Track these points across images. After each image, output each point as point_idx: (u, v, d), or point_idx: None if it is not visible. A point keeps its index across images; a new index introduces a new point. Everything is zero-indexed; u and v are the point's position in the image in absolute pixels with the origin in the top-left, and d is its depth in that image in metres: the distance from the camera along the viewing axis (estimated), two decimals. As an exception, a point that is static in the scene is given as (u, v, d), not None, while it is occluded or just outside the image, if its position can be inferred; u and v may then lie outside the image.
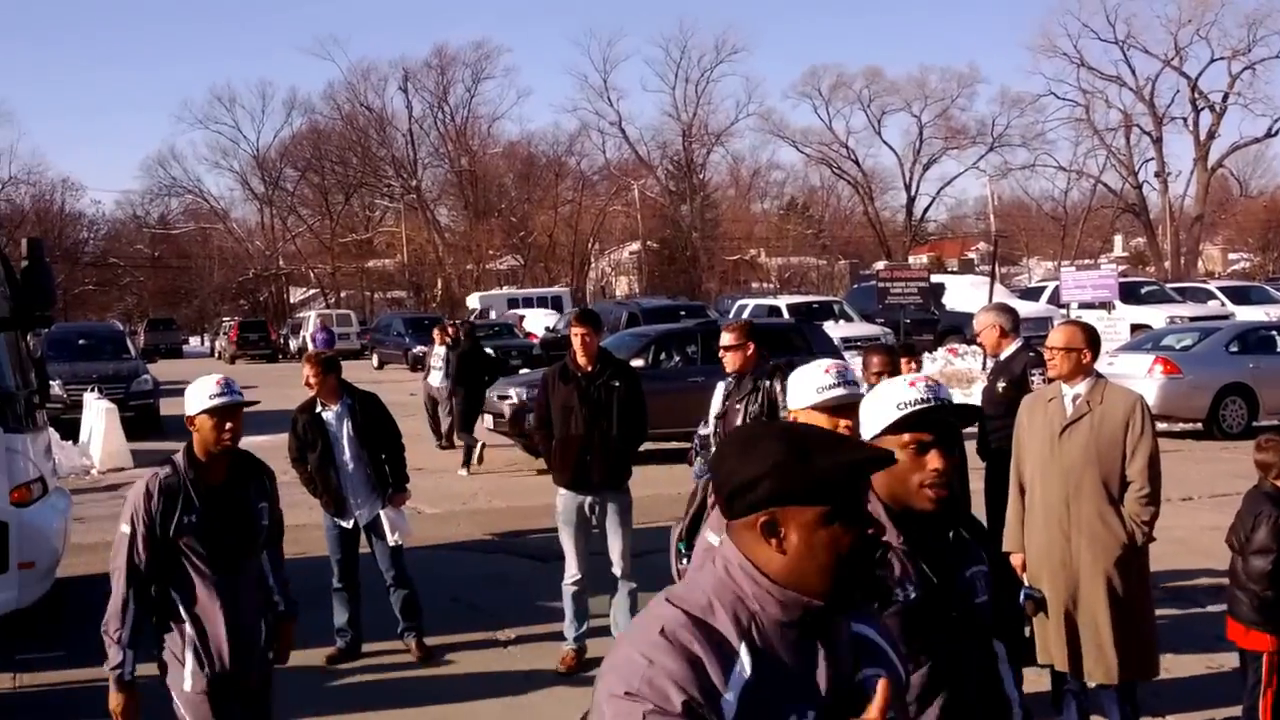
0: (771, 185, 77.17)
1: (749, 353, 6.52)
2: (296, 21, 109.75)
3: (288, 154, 73.61)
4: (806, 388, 3.37)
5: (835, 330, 22.44)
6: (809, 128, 72.16)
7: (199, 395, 4.11)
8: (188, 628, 4.09)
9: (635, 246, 67.91)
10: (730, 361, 6.55)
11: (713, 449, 6.99)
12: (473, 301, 46.81)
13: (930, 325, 28.54)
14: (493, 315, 40.83)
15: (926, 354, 24.97)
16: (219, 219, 76.05)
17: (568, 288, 56.13)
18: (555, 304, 44.36)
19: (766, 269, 69.10)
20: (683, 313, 29.73)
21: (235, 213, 77.62)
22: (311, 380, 7.20)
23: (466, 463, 15.17)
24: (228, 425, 4.09)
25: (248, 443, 16.20)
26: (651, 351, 16.21)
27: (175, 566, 4.07)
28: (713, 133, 72.10)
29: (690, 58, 71.57)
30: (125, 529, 4.03)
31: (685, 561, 3.93)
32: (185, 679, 4.11)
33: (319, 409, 7.26)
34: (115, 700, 4.08)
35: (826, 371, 3.37)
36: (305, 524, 11.89)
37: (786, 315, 26.61)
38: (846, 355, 17.46)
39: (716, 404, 6.66)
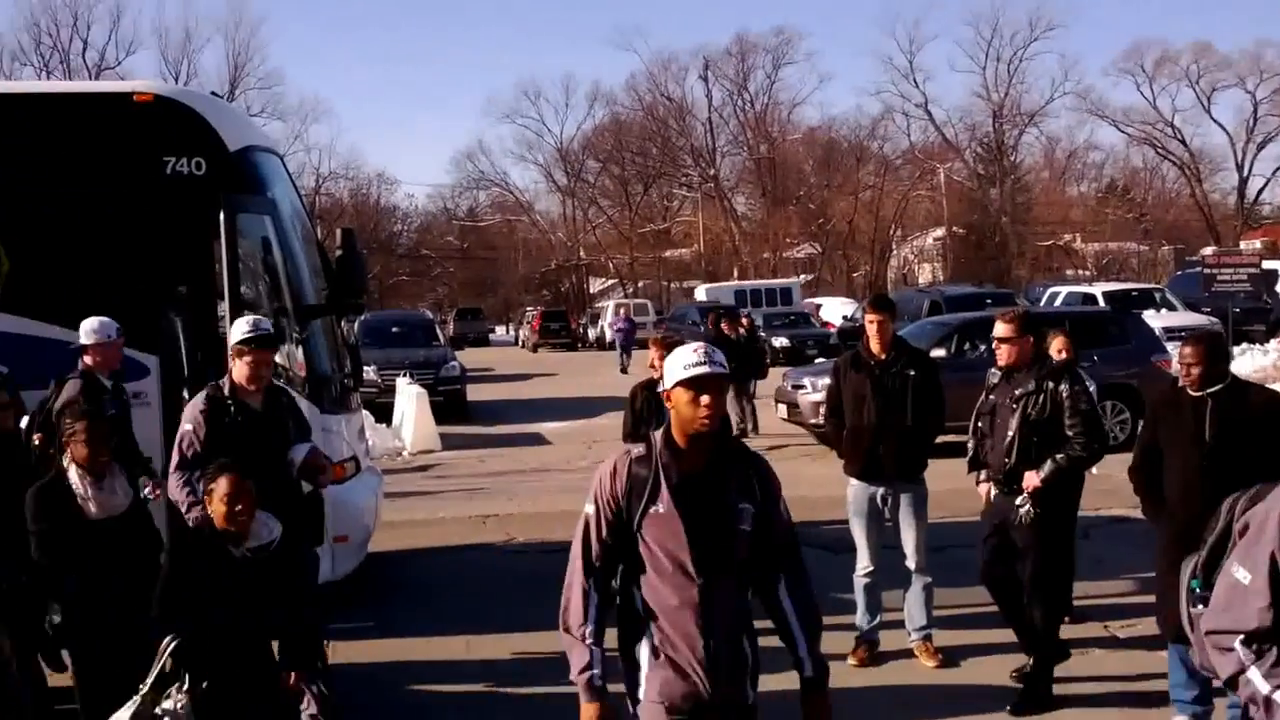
0: (1089, 167, 73.22)
1: (1026, 346, 6.16)
2: (600, 14, 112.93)
3: (590, 146, 75.82)
4: None
5: (1156, 320, 21.01)
6: (1131, 106, 68.13)
7: (675, 366, 3.51)
8: (653, 630, 3.48)
9: (940, 232, 65.97)
10: (1005, 355, 6.19)
11: (970, 450, 6.58)
12: (700, 294, 47.03)
13: (1261, 315, 26.42)
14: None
15: (1258, 345, 23.11)
16: (524, 211, 79.05)
17: (798, 278, 55.76)
18: (785, 297, 43.85)
19: (1082, 255, 65.57)
20: (989, 301, 28.51)
21: (539, 205, 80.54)
22: (656, 362, 7.32)
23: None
24: (704, 400, 3.42)
25: (549, 429, 16.72)
26: (954, 341, 15.62)
27: (640, 562, 3.49)
28: (1025, 113, 69.13)
29: (1002, 35, 68.87)
30: (589, 509, 3.54)
31: (1200, 606, 3.21)
32: (641, 685, 3.52)
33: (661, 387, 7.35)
34: (589, 712, 3.44)
35: None
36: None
37: (1102, 303, 25.19)
38: (1168, 346, 16.29)
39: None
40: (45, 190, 7.77)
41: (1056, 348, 7.29)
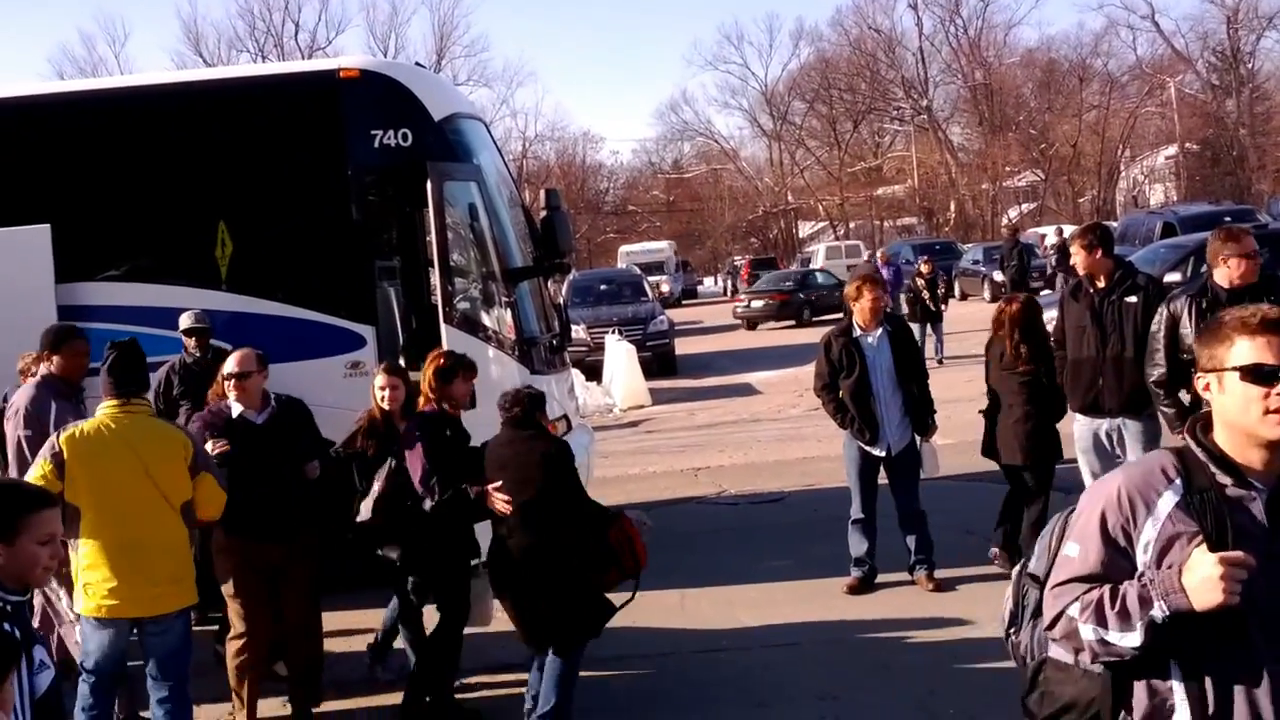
0: (1338, 69, 67.56)
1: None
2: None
3: (795, 87, 74.01)
4: None
5: None
6: (1383, -3, 62.33)
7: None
8: None
9: (1172, 150, 62.19)
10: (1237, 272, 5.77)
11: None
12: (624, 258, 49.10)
13: None
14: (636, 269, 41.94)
15: None
16: (729, 159, 77.69)
17: (677, 256, 56.15)
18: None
19: (1331, 164, 60.82)
20: (1227, 219, 26.64)
21: (744, 151, 78.96)
22: (867, 305, 7.22)
23: None
24: None
25: (759, 379, 16.46)
26: (1190, 264, 14.69)
27: None
28: (1263, 16, 64.04)
29: (1238, -64, 64.00)
30: None
31: None
32: None
33: (858, 333, 7.19)
34: None
35: None
36: (814, 456, 11.99)
37: (1355, 214, 23.27)
38: None
39: None
40: (261, 171, 8.12)
41: None
